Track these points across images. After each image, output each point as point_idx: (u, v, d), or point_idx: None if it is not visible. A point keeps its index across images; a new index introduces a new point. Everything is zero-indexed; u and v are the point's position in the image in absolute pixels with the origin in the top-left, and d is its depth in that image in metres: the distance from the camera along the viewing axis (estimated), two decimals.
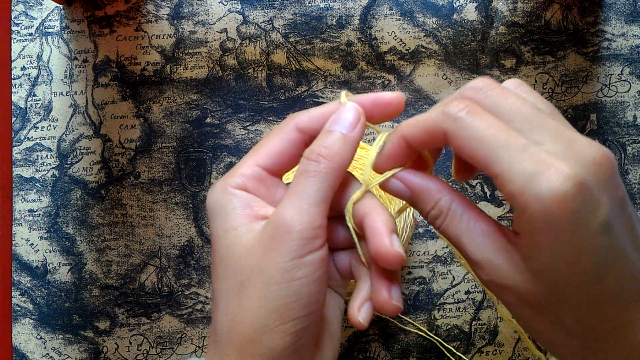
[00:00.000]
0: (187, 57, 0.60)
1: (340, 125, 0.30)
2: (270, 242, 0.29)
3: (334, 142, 0.30)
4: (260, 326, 0.29)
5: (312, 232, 0.29)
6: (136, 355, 0.59)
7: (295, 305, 0.28)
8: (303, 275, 0.28)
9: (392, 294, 0.29)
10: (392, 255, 0.29)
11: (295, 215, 0.29)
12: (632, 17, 0.60)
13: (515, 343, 0.58)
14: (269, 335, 0.29)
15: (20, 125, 0.60)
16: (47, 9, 0.61)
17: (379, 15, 0.60)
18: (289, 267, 0.28)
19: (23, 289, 0.59)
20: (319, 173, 0.29)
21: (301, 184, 0.30)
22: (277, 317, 0.28)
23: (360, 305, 0.30)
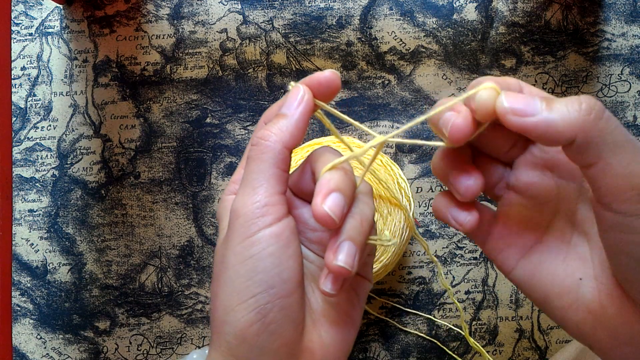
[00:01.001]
0: (187, 57, 0.60)
1: (286, 107, 0.31)
2: (228, 232, 0.31)
3: (274, 123, 0.31)
4: (225, 308, 0.30)
5: (258, 212, 0.30)
6: (136, 355, 0.59)
7: (251, 283, 0.29)
8: (254, 252, 0.29)
9: (337, 254, 0.29)
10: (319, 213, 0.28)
11: (241, 200, 0.30)
12: (632, 17, 0.60)
13: (515, 343, 0.58)
14: (232, 314, 0.30)
15: (20, 125, 0.60)
16: (47, 9, 0.61)
17: (379, 15, 0.60)
18: (240, 248, 0.30)
19: (23, 289, 0.59)
20: (259, 155, 0.31)
21: (245, 171, 0.31)
22: (236, 296, 0.29)
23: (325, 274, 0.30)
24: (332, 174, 0.30)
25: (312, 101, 0.31)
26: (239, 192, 0.31)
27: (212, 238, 0.59)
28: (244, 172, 0.31)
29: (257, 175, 0.30)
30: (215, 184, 0.60)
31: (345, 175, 0.30)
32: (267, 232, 0.30)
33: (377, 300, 0.58)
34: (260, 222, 0.30)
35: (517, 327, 0.58)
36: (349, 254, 0.29)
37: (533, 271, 0.31)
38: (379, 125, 0.59)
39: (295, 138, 0.31)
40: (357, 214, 0.30)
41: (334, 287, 0.30)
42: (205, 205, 0.59)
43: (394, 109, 0.60)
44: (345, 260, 0.29)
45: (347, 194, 0.29)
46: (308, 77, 0.32)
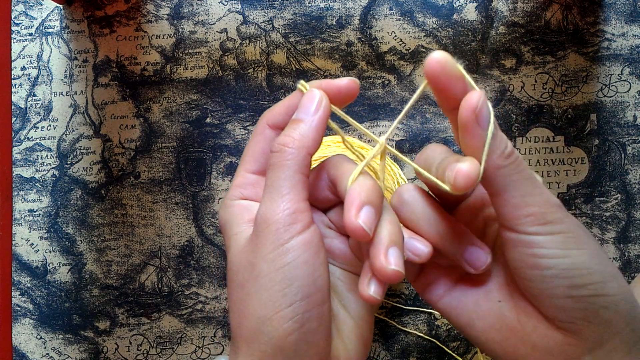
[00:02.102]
0: (187, 57, 0.60)
1: (303, 112, 0.31)
2: (255, 239, 0.30)
3: (294, 129, 0.31)
4: (260, 317, 0.29)
5: (288, 219, 0.29)
6: (136, 355, 0.59)
7: (288, 291, 0.29)
8: (289, 260, 0.29)
9: (389, 259, 0.29)
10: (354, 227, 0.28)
11: (269, 208, 0.30)
12: (632, 17, 0.60)
13: None
14: (269, 324, 0.29)
15: (20, 125, 0.60)
16: (47, 9, 0.61)
17: (379, 15, 0.60)
18: (273, 256, 0.29)
19: (23, 289, 0.59)
20: (283, 162, 0.30)
21: (270, 178, 0.31)
22: (272, 306, 0.29)
23: (368, 280, 0.30)
24: (361, 185, 0.30)
25: (330, 107, 0.32)
26: (265, 200, 0.30)
27: (212, 238, 0.59)
28: (268, 179, 0.31)
29: (283, 182, 0.30)
30: (215, 184, 0.60)
31: (374, 186, 0.30)
32: (300, 240, 0.29)
33: None
34: (292, 229, 0.29)
35: None
36: (398, 257, 0.29)
37: (458, 301, 0.33)
38: (379, 125, 0.59)
39: (317, 143, 0.31)
40: (395, 221, 0.30)
41: (379, 290, 0.30)
42: (205, 205, 0.59)
43: (394, 109, 0.60)
44: (398, 264, 0.29)
45: (377, 205, 0.30)
46: (326, 82, 0.32)
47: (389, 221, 0.30)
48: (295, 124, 0.31)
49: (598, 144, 0.59)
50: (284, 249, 0.29)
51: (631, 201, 0.59)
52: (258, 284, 0.30)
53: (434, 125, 0.59)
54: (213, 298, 0.59)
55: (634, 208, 0.59)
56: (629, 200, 0.59)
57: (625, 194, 0.59)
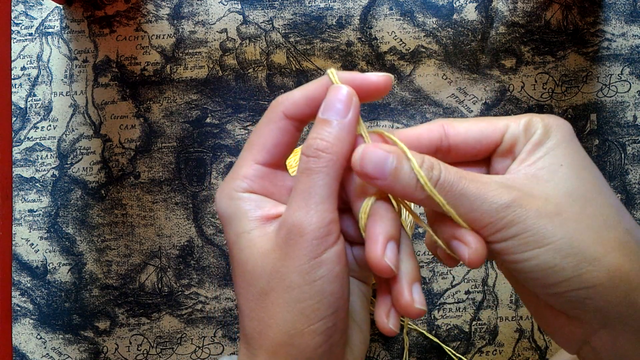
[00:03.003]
0: (187, 57, 0.60)
1: (333, 112, 0.29)
2: (285, 247, 0.29)
3: (329, 132, 0.29)
4: (290, 330, 0.29)
5: (324, 230, 0.28)
6: (136, 355, 0.59)
7: (320, 305, 0.28)
8: (323, 273, 0.28)
9: (414, 297, 0.28)
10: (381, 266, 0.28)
11: (305, 216, 0.28)
12: (632, 17, 0.60)
13: (515, 343, 0.58)
14: (299, 337, 0.29)
15: (20, 125, 0.60)
16: (47, 9, 0.61)
17: (379, 15, 0.60)
18: (307, 268, 0.28)
19: (23, 289, 0.59)
20: (321, 168, 0.29)
21: (305, 183, 0.29)
22: (305, 320, 0.28)
23: (388, 312, 0.29)
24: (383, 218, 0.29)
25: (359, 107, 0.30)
26: (297, 205, 0.29)
27: (212, 238, 0.59)
28: (302, 183, 0.29)
29: (320, 190, 0.29)
30: (215, 184, 0.60)
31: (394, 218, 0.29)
32: (334, 252, 0.28)
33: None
34: (327, 240, 0.28)
35: (517, 327, 0.58)
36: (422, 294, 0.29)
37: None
38: (379, 125, 0.59)
39: (352, 148, 0.29)
40: (413, 253, 0.30)
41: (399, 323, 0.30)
42: (205, 205, 0.59)
43: (394, 109, 0.60)
44: (423, 302, 0.29)
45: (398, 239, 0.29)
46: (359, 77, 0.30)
47: (409, 254, 0.29)
48: (329, 126, 0.29)
49: (598, 144, 0.59)
50: (318, 262, 0.28)
51: (631, 201, 0.59)
52: (288, 295, 0.29)
53: None
54: (213, 298, 0.59)
55: (634, 208, 0.59)
56: (629, 200, 0.59)
57: (626, 194, 0.59)
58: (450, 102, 0.59)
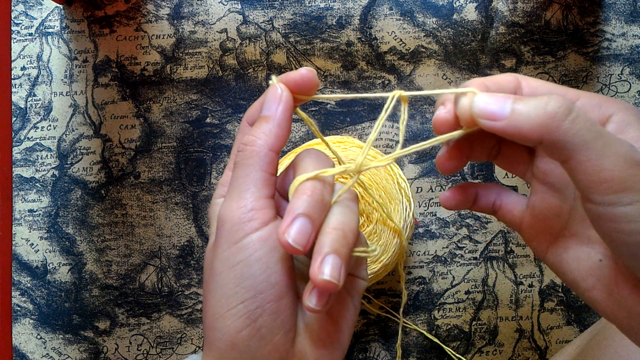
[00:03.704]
0: (187, 57, 0.60)
1: (266, 108, 0.31)
2: (216, 239, 0.30)
3: (257, 127, 0.31)
4: (214, 314, 0.30)
5: (244, 216, 0.29)
6: (136, 355, 0.59)
7: (239, 289, 0.29)
8: (242, 258, 0.29)
9: (322, 268, 0.28)
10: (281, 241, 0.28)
11: (227, 206, 0.30)
12: (632, 17, 0.60)
13: (515, 343, 0.58)
14: (222, 321, 0.29)
15: (20, 125, 0.60)
16: (47, 9, 0.61)
17: (379, 15, 0.60)
18: (227, 254, 0.29)
19: (23, 289, 0.59)
20: (245, 160, 0.31)
21: (232, 177, 0.31)
22: (225, 303, 0.29)
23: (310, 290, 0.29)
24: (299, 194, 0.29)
25: (291, 99, 0.31)
26: (226, 198, 0.31)
27: None
28: (231, 179, 0.31)
29: (243, 180, 0.30)
30: (215, 184, 0.60)
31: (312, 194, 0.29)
32: (255, 237, 0.29)
33: (376, 301, 0.58)
34: (247, 227, 0.29)
35: (517, 327, 0.58)
36: (335, 266, 0.28)
37: (561, 257, 0.31)
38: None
39: (280, 139, 0.31)
40: (340, 226, 0.29)
41: (319, 302, 0.29)
42: (205, 205, 0.59)
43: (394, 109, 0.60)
44: (331, 274, 0.28)
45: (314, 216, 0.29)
46: (284, 75, 0.32)
47: (334, 226, 0.29)
48: (259, 122, 0.31)
49: None
50: (237, 247, 0.29)
51: None
52: (215, 282, 0.30)
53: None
54: None
55: None
56: None
57: None
58: None
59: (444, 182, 0.59)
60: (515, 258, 0.59)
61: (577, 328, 0.58)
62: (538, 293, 0.58)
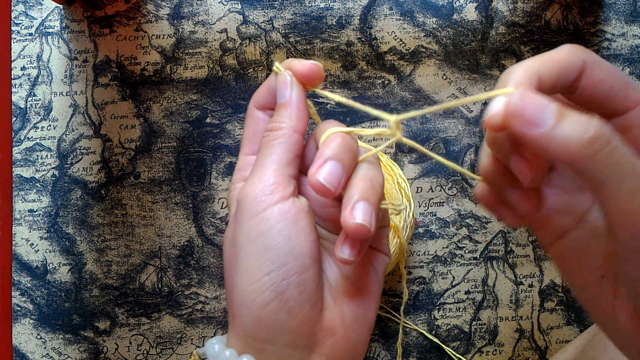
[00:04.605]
0: (187, 57, 0.60)
1: (280, 96, 0.32)
2: (237, 214, 0.31)
3: (278, 114, 0.32)
4: (238, 289, 0.30)
5: (267, 189, 0.30)
6: (136, 355, 0.59)
7: (263, 261, 0.29)
8: (264, 229, 0.29)
9: (354, 213, 0.28)
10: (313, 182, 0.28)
11: (250, 183, 0.30)
12: (632, 17, 0.60)
13: (515, 343, 0.58)
14: (247, 295, 0.29)
15: (20, 125, 0.60)
16: (47, 9, 0.61)
17: (379, 15, 0.60)
18: (248, 227, 0.30)
19: (23, 289, 0.59)
20: (271, 141, 0.31)
21: (257, 158, 0.32)
22: (249, 276, 0.29)
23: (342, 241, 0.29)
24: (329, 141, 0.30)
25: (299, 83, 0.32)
26: (249, 177, 0.31)
27: (212, 238, 0.59)
28: (256, 160, 0.31)
29: (267, 159, 0.31)
30: (215, 184, 0.60)
31: (342, 142, 0.30)
32: (276, 209, 0.29)
33: None
34: (268, 199, 0.29)
35: (517, 327, 0.58)
36: (366, 211, 0.28)
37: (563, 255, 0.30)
38: (379, 125, 0.59)
39: (303, 121, 0.32)
40: (368, 177, 0.30)
41: (352, 252, 0.29)
42: (205, 205, 0.59)
43: (394, 109, 0.60)
44: (363, 218, 0.28)
45: (344, 161, 0.29)
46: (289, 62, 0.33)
47: (362, 178, 0.29)
48: (278, 110, 0.32)
49: None
50: (259, 219, 0.29)
51: None
52: (237, 256, 0.30)
53: (433, 125, 0.59)
54: (213, 298, 0.59)
55: None
56: None
57: None
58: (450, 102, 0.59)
59: (444, 182, 0.59)
60: (515, 258, 0.59)
61: (577, 328, 0.58)
62: (538, 293, 0.58)
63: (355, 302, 0.32)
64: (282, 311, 0.29)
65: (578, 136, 0.23)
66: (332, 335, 0.31)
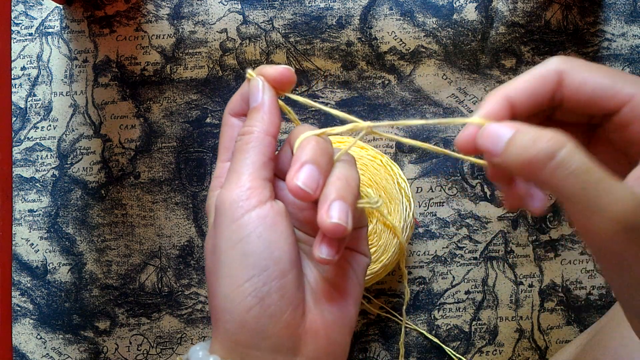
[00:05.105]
0: (187, 57, 0.60)
1: (253, 100, 0.33)
2: (216, 221, 0.31)
3: (250, 117, 0.32)
4: (221, 295, 0.30)
5: (243, 193, 0.30)
6: (136, 355, 0.59)
7: (244, 266, 0.29)
8: (244, 235, 0.29)
9: (330, 212, 0.28)
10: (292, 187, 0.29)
11: (226, 188, 0.31)
12: (632, 17, 0.60)
13: (515, 343, 0.58)
14: (230, 301, 0.29)
15: (20, 125, 0.60)
16: (47, 9, 0.61)
17: (379, 15, 0.60)
18: (229, 233, 0.30)
19: (23, 289, 0.59)
20: (244, 145, 0.31)
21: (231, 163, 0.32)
22: (231, 282, 0.29)
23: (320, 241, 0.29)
24: (304, 145, 0.30)
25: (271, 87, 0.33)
26: (225, 183, 0.31)
27: None
28: (230, 165, 0.32)
29: (241, 164, 0.31)
30: None
31: (317, 145, 0.30)
32: (254, 214, 0.30)
33: (376, 301, 0.58)
34: (245, 204, 0.30)
35: (517, 327, 0.58)
36: (342, 210, 0.28)
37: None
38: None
39: (275, 124, 0.32)
40: (343, 177, 0.30)
41: (330, 251, 0.29)
42: (205, 205, 0.59)
43: (394, 109, 0.60)
44: (339, 217, 0.28)
45: (321, 164, 0.30)
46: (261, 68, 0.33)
47: (338, 177, 0.30)
48: (250, 113, 0.32)
49: None
50: (238, 225, 0.30)
51: None
52: (219, 262, 0.30)
53: (433, 125, 0.59)
54: None
55: None
56: None
57: None
58: (450, 102, 0.59)
59: (444, 182, 0.59)
60: (515, 258, 0.59)
61: (577, 328, 0.58)
62: (538, 293, 0.58)
63: (335, 304, 0.32)
64: (265, 316, 0.29)
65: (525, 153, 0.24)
66: (314, 337, 0.31)
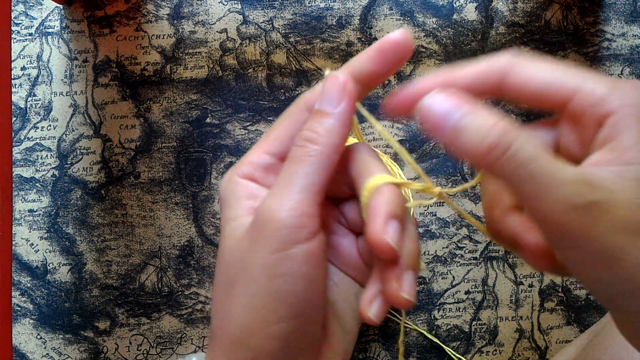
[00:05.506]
0: (187, 57, 0.60)
1: (326, 102, 0.28)
2: (254, 233, 0.26)
3: (318, 122, 0.27)
4: (246, 329, 0.26)
5: (296, 221, 0.26)
6: (136, 355, 0.59)
7: (278, 306, 0.26)
8: (286, 271, 0.26)
9: (403, 285, 0.25)
10: (381, 244, 0.25)
11: (277, 202, 0.26)
12: (632, 17, 0.60)
13: (515, 343, 0.58)
14: (254, 338, 0.26)
15: (20, 125, 0.60)
16: (47, 9, 0.61)
17: (379, 15, 0.60)
18: (270, 261, 0.26)
19: (23, 289, 0.59)
20: (305, 157, 0.27)
21: (285, 170, 0.27)
22: (260, 320, 0.26)
23: (372, 298, 0.26)
24: (387, 194, 0.26)
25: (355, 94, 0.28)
26: (273, 191, 0.27)
27: (212, 238, 0.59)
28: (283, 170, 0.27)
29: (299, 179, 0.26)
30: (215, 184, 0.60)
31: (400, 198, 0.27)
32: (304, 249, 0.26)
33: None
34: (298, 234, 0.26)
35: (517, 327, 0.58)
36: (412, 285, 0.26)
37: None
38: None
39: (344, 138, 0.28)
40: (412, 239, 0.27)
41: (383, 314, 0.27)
42: (205, 205, 0.59)
43: None
44: (410, 293, 0.26)
45: (402, 219, 0.26)
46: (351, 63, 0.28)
47: (411, 239, 0.27)
48: (320, 116, 0.27)
49: None
50: (282, 256, 0.26)
51: None
52: (248, 288, 0.26)
53: None
54: None
55: None
56: None
57: None
58: None
59: (444, 182, 0.59)
60: (515, 258, 0.59)
61: (577, 328, 0.58)
62: (538, 293, 0.58)
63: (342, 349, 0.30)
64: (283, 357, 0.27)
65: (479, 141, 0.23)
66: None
